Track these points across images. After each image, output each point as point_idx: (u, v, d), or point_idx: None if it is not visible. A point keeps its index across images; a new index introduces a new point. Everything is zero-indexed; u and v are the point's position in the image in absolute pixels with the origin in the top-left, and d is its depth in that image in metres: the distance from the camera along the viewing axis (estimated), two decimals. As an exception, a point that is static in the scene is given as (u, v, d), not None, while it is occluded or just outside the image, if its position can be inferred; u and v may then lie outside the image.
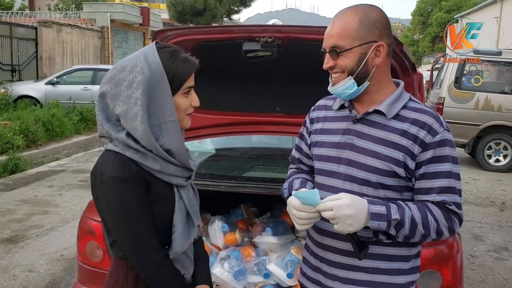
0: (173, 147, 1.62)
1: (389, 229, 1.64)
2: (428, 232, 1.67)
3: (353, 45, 1.69)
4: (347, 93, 1.74)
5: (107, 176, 1.56)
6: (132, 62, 1.59)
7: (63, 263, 4.87)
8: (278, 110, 3.39)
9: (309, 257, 1.93)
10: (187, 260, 1.74)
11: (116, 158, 1.58)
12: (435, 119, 1.71)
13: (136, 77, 1.56)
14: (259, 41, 2.66)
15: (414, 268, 1.82)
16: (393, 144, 1.70)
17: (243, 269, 2.85)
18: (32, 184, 8.10)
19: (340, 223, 1.60)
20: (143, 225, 1.57)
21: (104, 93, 1.61)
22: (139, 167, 1.60)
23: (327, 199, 1.65)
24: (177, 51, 1.65)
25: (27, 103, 13.92)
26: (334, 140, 1.82)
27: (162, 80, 1.57)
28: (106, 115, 1.63)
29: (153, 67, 1.57)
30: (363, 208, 1.62)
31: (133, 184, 1.56)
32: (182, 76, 1.62)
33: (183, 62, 1.63)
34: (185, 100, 1.66)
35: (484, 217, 6.94)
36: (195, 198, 1.79)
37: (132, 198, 1.56)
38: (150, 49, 1.61)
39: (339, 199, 1.62)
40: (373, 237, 1.72)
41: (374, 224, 1.63)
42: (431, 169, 1.68)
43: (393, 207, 1.65)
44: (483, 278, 4.82)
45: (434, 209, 1.68)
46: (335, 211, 1.60)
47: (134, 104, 1.56)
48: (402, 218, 1.63)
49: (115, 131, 1.61)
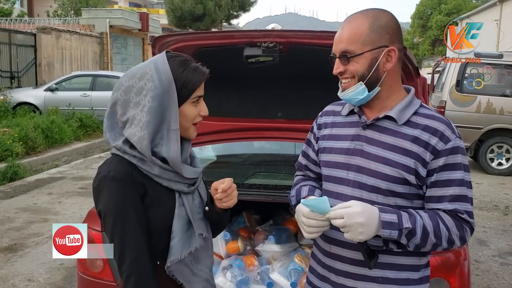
0: (169, 156, 1.62)
1: (401, 238, 1.61)
2: (439, 241, 1.64)
3: (364, 50, 1.66)
4: (358, 99, 1.71)
5: (101, 174, 1.60)
6: (142, 69, 1.62)
7: (63, 272, 4.81)
8: (280, 116, 3.36)
9: (316, 266, 1.88)
10: (189, 273, 1.69)
11: (114, 159, 1.63)
12: (447, 126, 1.68)
13: (146, 85, 1.59)
14: (261, 46, 2.63)
15: (424, 278, 1.78)
16: (404, 151, 1.66)
17: (246, 278, 2.81)
18: (32, 192, 8.05)
19: (351, 231, 1.57)
20: (129, 225, 1.57)
21: (115, 100, 1.64)
22: (136, 170, 1.61)
23: (338, 206, 1.61)
24: (188, 61, 1.67)
25: (26, 110, 13.88)
26: (343, 146, 1.79)
27: (170, 89, 1.59)
28: (111, 122, 1.66)
29: (163, 76, 1.59)
30: (374, 216, 1.58)
31: (124, 184, 1.58)
32: (192, 85, 1.64)
33: (193, 71, 1.64)
34: (194, 109, 1.68)
35: (488, 221, 6.88)
36: (200, 207, 1.76)
37: (121, 198, 1.57)
38: (161, 58, 1.63)
39: (350, 206, 1.59)
40: (383, 246, 1.68)
41: (385, 233, 1.59)
42: (443, 177, 1.65)
43: (404, 215, 1.61)
44: (489, 284, 4.77)
45: (446, 218, 1.65)
46: (346, 219, 1.56)
47: (141, 110, 1.58)
48: (413, 226, 1.60)
49: (113, 140, 1.64)
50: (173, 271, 1.65)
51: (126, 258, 1.57)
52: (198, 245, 1.70)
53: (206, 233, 1.74)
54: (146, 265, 1.59)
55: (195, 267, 1.71)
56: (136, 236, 1.57)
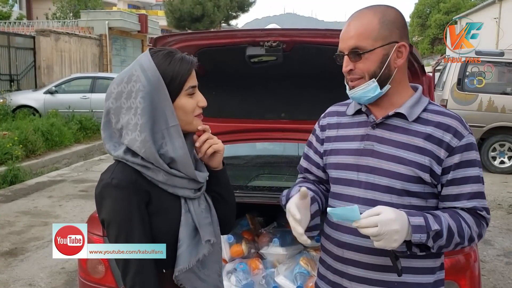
0: (176, 155, 1.56)
1: (428, 240, 1.55)
2: (462, 240, 1.60)
3: (375, 46, 1.61)
4: (369, 97, 1.66)
5: (104, 182, 1.55)
6: (128, 72, 1.57)
7: (64, 276, 4.77)
8: (284, 116, 3.32)
9: (326, 273, 1.83)
10: (197, 280, 1.63)
11: (118, 165, 1.57)
12: (460, 122, 1.65)
13: (133, 87, 1.54)
14: (264, 45, 2.58)
15: (439, 281, 1.73)
16: (417, 149, 1.62)
17: (250, 282, 2.76)
18: (32, 195, 8.00)
19: (385, 239, 1.49)
20: (133, 234, 1.51)
21: (108, 109, 1.60)
22: (141, 177, 1.56)
23: (367, 213, 1.51)
24: (172, 52, 1.61)
25: (26, 112, 13.84)
26: (352, 147, 1.74)
27: (159, 85, 1.54)
28: (108, 132, 1.61)
29: (149, 73, 1.53)
30: (405, 221, 1.52)
31: (128, 192, 1.52)
32: (181, 76, 1.58)
33: (179, 62, 1.59)
34: (191, 101, 1.61)
35: (491, 220, 6.72)
36: (207, 211, 1.70)
37: (125, 206, 1.52)
38: (144, 56, 1.59)
39: (381, 213, 1.50)
40: (407, 251, 1.61)
41: (416, 237, 1.53)
42: (460, 174, 1.61)
43: (430, 217, 1.56)
44: (495, 284, 4.73)
45: (466, 216, 1.61)
46: (381, 227, 1.47)
47: (134, 114, 1.53)
48: (441, 228, 1.55)
49: (113, 150, 1.58)
50: (181, 280, 1.60)
51: (130, 268, 1.52)
52: (206, 251, 1.64)
53: (214, 238, 1.67)
54: (151, 275, 1.54)
55: (202, 273, 1.66)
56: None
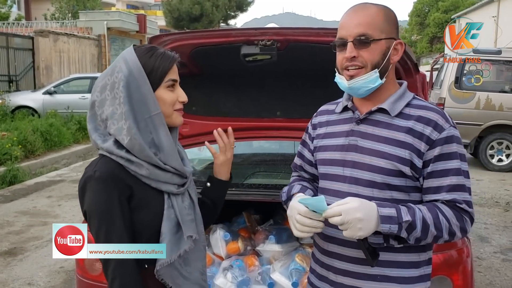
0: (161, 142, 1.61)
1: (401, 232, 1.57)
2: (440, 233, 1.61)
3: (381, 37, 1.66)
4: (368, 88, 1.68)
5: (87, 174, 1.58)
6: (112, 66, 1.63)
7: (63, 275, 4.79)
8: (279, 114, 3.32)
9: (315, 266, 1.86)
10: (179, 277, 1.66)
11: (101, 159, 1.61)
12: (441, 115, 1.67)
13: (116, 77, 1.59)
14: (258, 44, 2.59)
15: (425, 276, 1.75)
16: (398, 143, 1.65)
17: (246, 279, 2.78)
18: (31, 195, 8.03)
19: (350, 228, 1.54)
20: (114, 227, 1.54)
21: (93, 102, 1.64)
22: (124, 171, 1.59)
23: (334, 204, 1.58)
24: (155, 47, 1.67)
25: (24, 113, 13.88)
26: (338, 143, 1.77)
27: (139, 74, 1.59)
28: (94, 125, 1.65)
29: (130, 64, 1.59)
30: (372, 211, 1.55)
31: (110, 185, 1.55)
32: (162, 69, 1.63)
33: (161, 56, 1.64)
34: (171, 94, 1.66)
35: (489, 218, 6.86)
36: (191, 208, 1.73)
37: (106, 198, 1.54)
38: (128, 50, 1.65)
39: (346, 203, 1.56)
40: (384, 243, 1.65)
41: (385, 228, 1.56)
42: (439, 167, 1.63)
43: (403, 209, 1.59)
44: (491, 280, 4.75)
45: (444, 209, 1.62)
46: (344, 215, 1.53)
47: (118, 104, 1.58)
48: (413, 219, 1.57)
49: (101, 140, 1.62)
50: (162, 275, 1.62)
51: (110, 261, 1.54)
52: (188, 247, 1.66)
53: (196, 235, 1.69)
54: (131, 269, 1.56)
55: (184, 270, 1.67)
56: (121, 239, 1.54)
